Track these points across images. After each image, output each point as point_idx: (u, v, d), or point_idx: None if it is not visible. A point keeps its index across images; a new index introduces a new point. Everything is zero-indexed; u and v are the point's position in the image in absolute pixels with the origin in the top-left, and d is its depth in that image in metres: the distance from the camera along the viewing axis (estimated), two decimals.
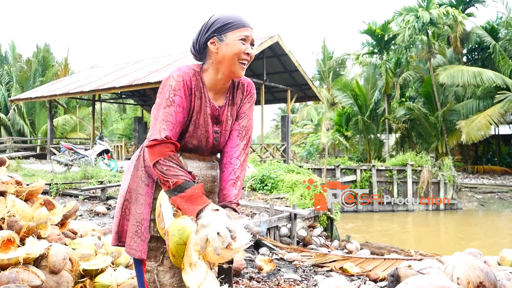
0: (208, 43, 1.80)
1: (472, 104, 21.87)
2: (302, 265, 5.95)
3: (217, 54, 1.78)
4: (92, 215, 7.46)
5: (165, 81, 1.75)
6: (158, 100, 1.74)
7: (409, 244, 11.24)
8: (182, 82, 1.74)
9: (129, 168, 1.93)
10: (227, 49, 1.76)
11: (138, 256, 1.78)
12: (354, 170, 18.74)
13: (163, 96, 1.72)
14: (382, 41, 24.35)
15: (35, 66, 27.35)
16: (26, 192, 3.02)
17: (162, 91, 1.74)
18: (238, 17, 1.80)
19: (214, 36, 1.78)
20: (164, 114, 1.69)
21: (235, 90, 1.95)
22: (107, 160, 13.34)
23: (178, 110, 1.71)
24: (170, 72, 1.78)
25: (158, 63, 19.51)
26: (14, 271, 2.40)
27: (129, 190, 1.87)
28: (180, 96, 1.72)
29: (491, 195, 19.95)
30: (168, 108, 1.70)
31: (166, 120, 1.68)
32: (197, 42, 1.85)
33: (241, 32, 1.77)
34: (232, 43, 1.76)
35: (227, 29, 1.76)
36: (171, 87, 1.72)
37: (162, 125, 1.68)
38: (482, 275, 1.68)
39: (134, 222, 1.81)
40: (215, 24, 1.78)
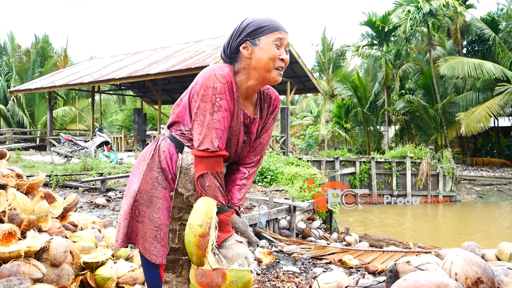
0: (240, 48, 1.72)
1: (471, 96, 21.87)
2: (301, 257, 5.99)
3: (250, 59, 1.70)
4: (92, 207, 7.48)
5: (206, 82, 1.64)
6: (202, 103, 1.63)
7: (408, 237, 11.29)
8: (226, 84, 1.64)
9: (140, 166, 1.83)
10: (261, 53, 1.68)
11: (159, 261, 1.73)
12: (354, 162, 18.76)
13: (208, 100, 1.62)
14: (382, 33, 24.28)
15: (33, 57, 27.25)
16: (26, 185, 3.03)
17: (205, 93, 1.63)
18: (272, 20, 1.72)
19: (247, 40, 1.70)
20: (213, 121, 1.61)
21: (262, 102, 1.88)
22: (106, 152, 13.34)
23: (226, 115, 1.64)
24: (208, 71, 1.66)
25: (158, 54, 19.47)
26: (15, 264, 2.41)
27: (141, 191, 1.77)
28: (226, 99, 1.64)
29: (490, 187, 20.00)
30: (216, 114, 1.62)
31: (215, 127, 1.61)
32: (228, 46, 1.76)
33: (276, 36, 1.69)
34: (267, 48, 1.68)
35: (260, 32, 1.69)
36: (216, 90, 1.62)
37: (213, 133, 1.61)
38: (479, 271, 1.70)
39: (152, 227, 1.75)
40: (248, 28, 1.70)
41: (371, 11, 25.95)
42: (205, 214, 1.54)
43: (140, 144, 19.47)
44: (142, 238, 1.78)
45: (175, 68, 14.83)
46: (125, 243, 1.81)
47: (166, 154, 1.77)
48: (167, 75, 15.23)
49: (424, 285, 1.52)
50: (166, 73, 14.93)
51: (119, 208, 7.32)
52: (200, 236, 1.53)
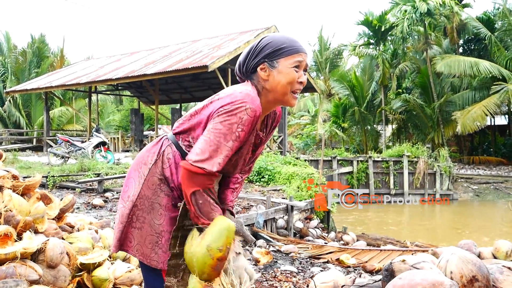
0: (257, 69, 1.68)
1: (468, 95, 21.94)
2: (298, 257, 5.99)
3: (268, 81, 1.67)
4: (89, 208, 7.47)
5: (236, 110, 1.58)
6: (220, 126, 1.58)
7: (405, 235, 11.31)
8: (253, 119, 1.59)
9: (141, 170, 1.78)
10: (279, 77, 1.64)
11: (161, 267, 1.72)
12: (351, 161, 18.78)
13: (229, 126, 1.58)
14: (379, 32, 24.31)
15: (30, 57, 27.20)
16: (23, 186, 3.03)
17: (229, 120, 1.58)
18: (292, 40, 1.67)
19: (265, 61, 1.66)
20: (225, 148, 1.58)
21: (268, 118, 1.87)
22: (103, 152, 13.32)
23: (238, 145, 1.62)
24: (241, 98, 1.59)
25: (155, 54, 19.46)
26: (11, 266, 2.41)
27: (141, 196, 1.74)
28: (245, 132, 1.60)
29: (487, 186, 20.05)
30: (231, 143, 1.59)
31: (224, 154, 1.59)
32: (244, 65, 1.72)
33: (295, 58, 1.65)
34: (285, 71, 1.64)
35: (279, 54, 1.64)
36: (241, 121, 1.57)
37: (220, 159, 1.58)
38: (475, 269, 1.70)
39: (153, 233, 1.72)
40: (266, 49, 1.66)
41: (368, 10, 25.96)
42: (226, 237, 1.54)
43: (137, 144, 19.45)
44: (139, 244, 1.75)
45: (172, 68, 14.83)
46: (117, 249, 1.79)
47: (171, 162, 1.74)
48: (164, 75, 15.23)
49: (419, 284, 1.53)
50: (163, 73, 14.93)
51: (116, 209, 7.31)
52: (218, 260, 1.53)
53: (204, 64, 13.78)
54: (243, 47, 15.30)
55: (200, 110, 1.70)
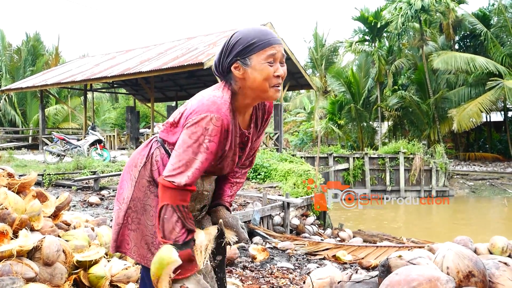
0: (231, 68, 1.63)
1: (464, 92, 21.99)
2: (295, 253, 6.00)
3: (244, 79, 1.61)
4: (85, 206, 7.45)
5: (201, 120, 1.56)
6: (188, 139, 1.56)
7: (401, 232, 11.34)
8: (220, 128, 1.56)
9: (132, 173, 1.79)
10: (254, 74, 1.58)
11: None
12: (347, 158, 18.81)
13: (195, 138, 1.55)
14: (374, 29, 24.34)
15: (25, 55, 27.09)
16: (18, 184, 3.02)
17: (195, 132, 1.55)
18: (263, 34, 1.60)
19: (238, 60, 1.60)
20: (194, 161, 1.55)
21: (257, 111, 1.82)
22: (99, 150, 13.30)
23: (209, 157, 1.58)
24: (206, 107, 1.57)
25: (150, 52, 19.40)
26: (7, 264, 2.40)
27: (134, 199, 1.75)
28: (215, 142, 1.57)
29: (482, 182, 20.13)
30: (200, 155, 1.55)
31: (194, 167, 1.55)
32: (219, 65, 1.67)
33: (267, 52, 1.58)
34: (259, 67, 1.57)
35: (250, 51, 1.58)
36: (207, 132, 1.55)
37: (189, 172, 1.55)
38: (471, 264, 1.71)
39: (148, 234, 1.73)
40: (237, 46, 1.60)
41: (364, 7, 25.97)
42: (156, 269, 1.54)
43: (133, 142, 19.41)
44: (136, 246, 1.76)
45: (167, 65, 14.78)
46: (115, 250, 1.81)
47: (159, 165, 1.74)
48: (160, 73, 15.19)
49: (416, 279, 1.53)
50: (158, 70, 14.88)
51: (112, 207, 7.31)
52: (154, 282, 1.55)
53: (199, 61, 13.75)
54: None
55: (178, 120, 1.69)
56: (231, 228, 1.73)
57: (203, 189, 1.80)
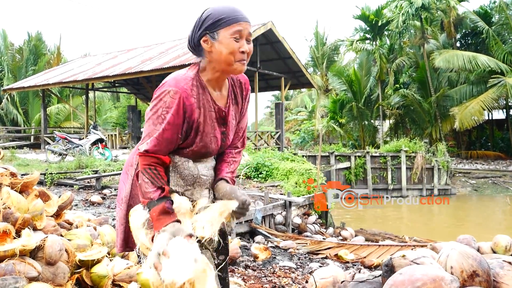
0: (201, 41, 1.71)
1: (465, 89, 21.93)
2: (297, 252, 6.00)
3: (212, 53, 1.70)
4: (87, 205, 7.46)
5: (161, 94, 1.68)
6: (150, 112, 1.70)
7: (403, 230, 11.32)
8: (177, 100, 1.66)
9: (128, 172, 1.88)
10: (221, 47, 1.67)
11: None
12: (349, 157, 18.78)
13: (155, 110, 1.68)
14: (375, 27, 24.29)
15: (26, 54, 27.14)
16: (21, 183, 3.02)
17: (155, 106, 1.69)
18: (232, 10, 1.69)
19: (207, 33, 1.69)
20: (152, 130, 1.68)
21: (235, 88, 1.90)
22: (101, 149, 13.30)
23: (167, 127, 1.67)
24: (166, 84, 1.69)
25: (151, 51, 19.39)
26: (10, 263, 2.40)
27: (133, 196, 1.83)
28: (172, 114, 1.66)
29: (485, 180, 20.09)
30: (159, 125, 1.67)
31: (152, 135, 1.68)
32: (191, 39, 1.76)
33: (234, 28, 1.66)
34: (225, 41, 1.66)
35: (219, 26, 1.67)
36: (165, 104, 1.66)
37: (147, 139, 1.68)
38: (475, 264, 1.70)
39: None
40: (207, 21, 1.69)
41: (365, 5, 25.90)
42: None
43: (134, 141, 19.43)
44: None
45: (169, 65, 14.78)
46: (124, 248, 1.88)
47: None
48: (161, 72, 15.18)
49: (420, 279, 1.53)
50: (160, 70, 14.88)
51: (114, 206, 7.31)
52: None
53: None
54: None
55: None
56: (229, 196, 1.76)
57: (199, 173, 1.84)
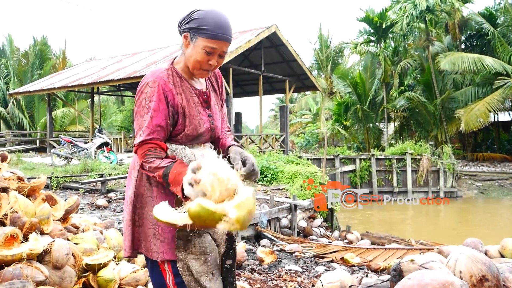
0: (183, 35, 1.81)
1: (471, 91, 21.84)
2: (303, 256, 5.98)
3: (186, 49, 1.81)
4: (93, 208, 7.47)
5: (141, 88, 1.78)
6: (135, 107, 1.79)
7: (409, 233, 11.28)
8: (156, 87, 1.76)
9: (132, 174, 1.91)
10: (193, 51, 1.77)
11: (161, 258, 1.79)
12: (354, 159, 18.74)
13: (139, 103, 1.77)
14: (380, 29, 24.26)
15: (32, 59, 27.27)
16: (28, 188, 3.03)
17: (138, 99, 1.78)
18: (217, 26, 1.74)
19: (189, 32, 1.77)
20: (141, 122, 1.75)
21: (210, 77, 2.02)
22: (106, 153, 13.33)
23: (154, 114, 1.74)
24: (144, 79, 1.80)
25: (156, 55, 19.44)
26: (18, 267, 2.41)
27: (137, 196, 1.86)
28: (155, 101, 1.74)
29: (491, 183, 19.99)
30: (146, 115, 1.74)
31: (142, 126, 1.74)
32: (179, 25, 1.84)
33: (210, 44, 1.73)
34: (198, 50, 1.75)
35: (200, 33, 1.73)
36: (147, 94, 1.76)
37: (140, 131, 1.75)
38: (484, 268, 1.69)
39: (150, 226, 1.82)
40: (193, 22, 1.75)
41: (369, 7, 25.85)
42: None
43: None
44: (144, 241, 1.84)
45: None
46: (132, 251, 1.87)
47: None
48: None
49: (429, 284, 1.52)
50: None
51: (120, 209, 7.32)
52: None
53: None
54: (244, 46, 15.29)
55: None
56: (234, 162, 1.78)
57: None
